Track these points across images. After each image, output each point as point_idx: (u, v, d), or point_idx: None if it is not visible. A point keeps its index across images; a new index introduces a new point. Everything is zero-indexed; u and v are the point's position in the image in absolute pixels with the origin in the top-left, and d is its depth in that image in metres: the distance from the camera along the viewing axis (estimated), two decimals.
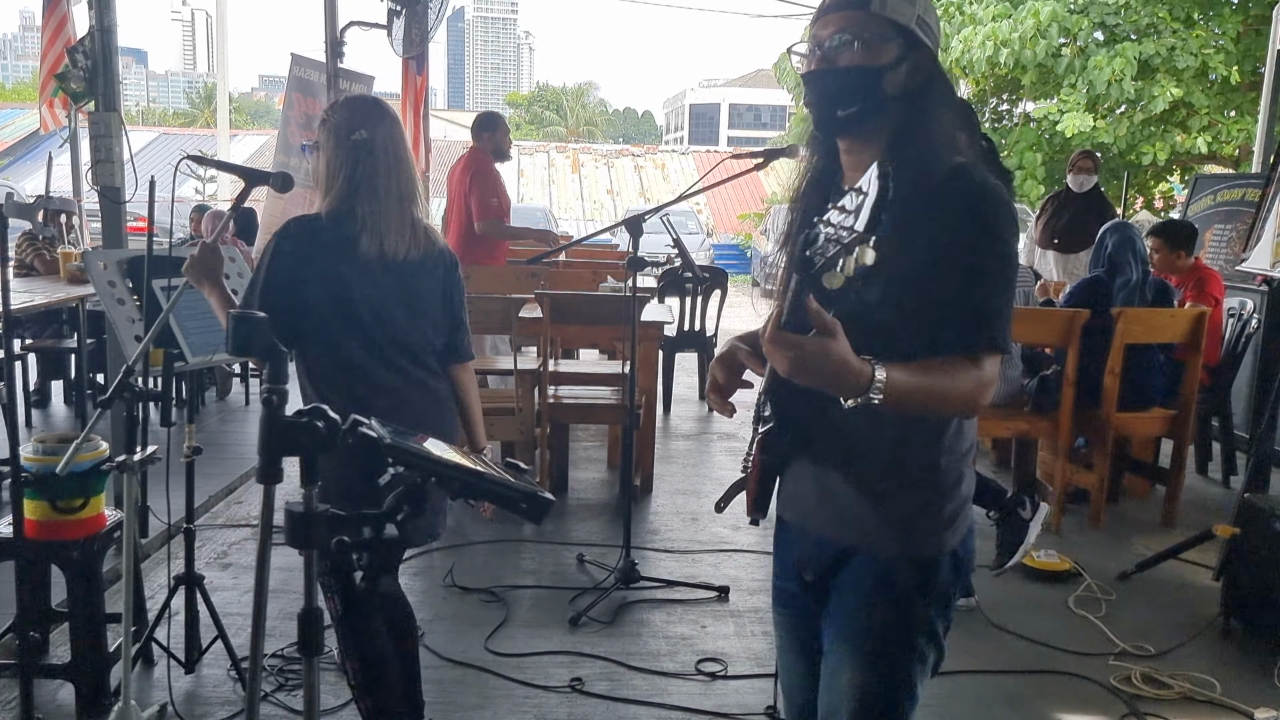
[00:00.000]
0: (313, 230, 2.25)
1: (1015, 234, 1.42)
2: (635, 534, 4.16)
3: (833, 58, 1.45)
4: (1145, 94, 17.11)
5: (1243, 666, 3.21)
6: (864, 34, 1.43)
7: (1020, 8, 17.54)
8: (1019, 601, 3.69)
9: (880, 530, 1.50)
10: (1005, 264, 1.40)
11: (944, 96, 1.49)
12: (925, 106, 1.45)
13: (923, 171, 1.39)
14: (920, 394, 1.31)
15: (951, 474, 1.50)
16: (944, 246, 1.36)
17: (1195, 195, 7.10)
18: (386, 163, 2.27)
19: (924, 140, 1.43)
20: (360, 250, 2.26)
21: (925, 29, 1.46)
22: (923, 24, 1.46)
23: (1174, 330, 4.51)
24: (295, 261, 2.22)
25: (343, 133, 2.25)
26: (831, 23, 1.46)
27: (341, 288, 2.27)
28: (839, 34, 1.44)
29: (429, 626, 3.34)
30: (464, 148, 6.34)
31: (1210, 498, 5.09)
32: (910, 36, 1.44)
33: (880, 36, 1.43)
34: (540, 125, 62.60)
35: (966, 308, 1.37)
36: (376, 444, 1.20)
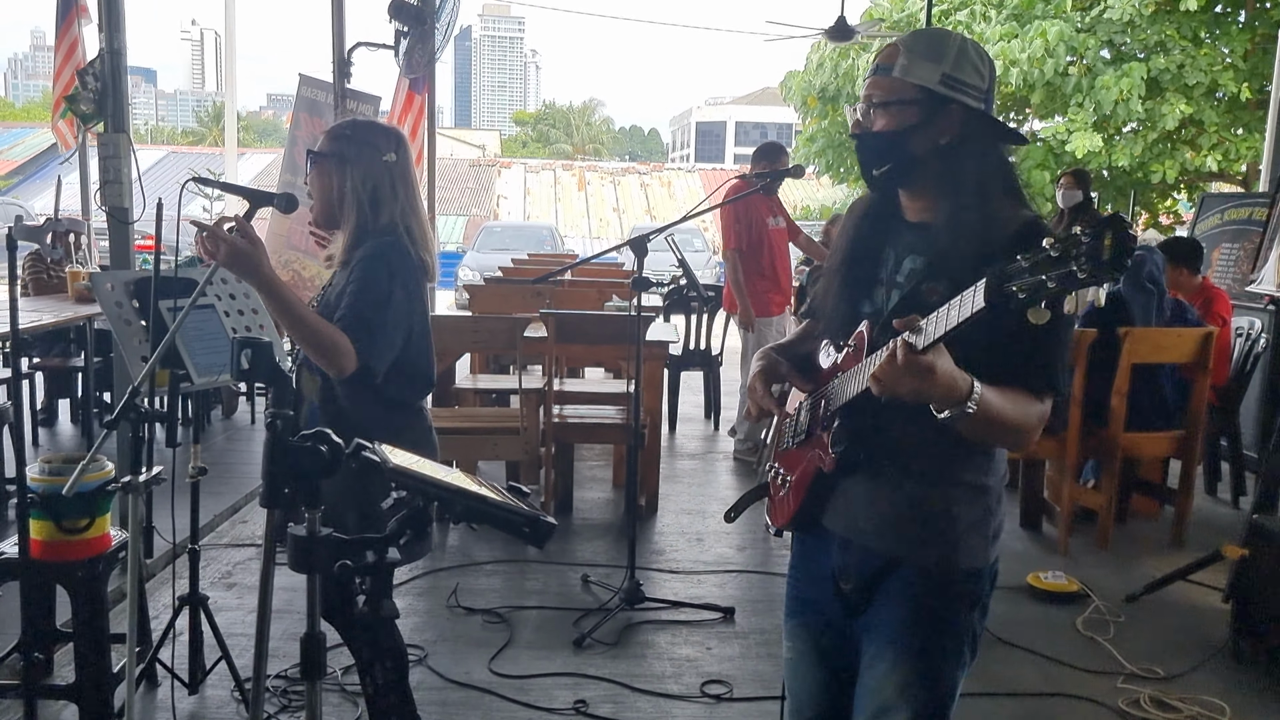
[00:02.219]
0: (404, 249, 2.23)
1: None
2: (640, 554, 4.15)
3: (867, 122, 1.58)
4: (1155, 112, 17.15)
5: (1253, 689, 3.18)
6: (889, 99, 1.54)
7: (1028, 27, 17.62)
8: (1026, 623, 3.66)
9: (935, 542, 1.59)
10: (1064, 310, 1.50)
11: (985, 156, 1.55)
12: (953, 155, 1.54)
13: (984, 220, 1.49)
14: (1001, 415, 1.42)
15: (997, 491, 1.63)
16: None
17: (1202, 214, 7.10)
18: (416, 186, 2.32)
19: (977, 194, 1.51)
20: (426, 272, 2.30)
21: (956, 85, 1.53)
22: (951, 81, 1.52)
23: (1181, 350, 4.49)
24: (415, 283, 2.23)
25: (377, 153, 2.24)
26: (868, 86, 1.58)
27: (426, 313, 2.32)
28: (868, 99, 1.57)
29: (433, 648, 3.33)
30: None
31: (1220, 518, 5.06)
32: (935, 96, 1.52)
33: (903, 100, 1.53)
34: (546, 143, 62.92)
35: (1040, 355, 1.48)
36: (380, 468, 1.20)
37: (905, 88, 1.53)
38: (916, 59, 1.52)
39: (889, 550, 1.62)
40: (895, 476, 1.59)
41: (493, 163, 32.05)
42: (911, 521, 1.59)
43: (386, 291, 2.17)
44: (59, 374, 6.24)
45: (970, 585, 1.61)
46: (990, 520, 1.61)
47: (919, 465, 1.58)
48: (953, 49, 1.53)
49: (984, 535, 1.61)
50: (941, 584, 1.59)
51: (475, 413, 4.94)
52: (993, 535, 1.62)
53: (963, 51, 1.53)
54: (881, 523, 1.61)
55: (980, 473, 1.60)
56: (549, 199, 31.42)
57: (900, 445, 1.57)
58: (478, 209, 29.33)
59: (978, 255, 1.43)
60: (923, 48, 1.53)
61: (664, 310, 6.57)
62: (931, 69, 1.51)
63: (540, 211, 29.92)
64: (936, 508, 1.58)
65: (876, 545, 1.63)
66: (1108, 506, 4.54)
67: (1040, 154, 20.19)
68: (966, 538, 1.59)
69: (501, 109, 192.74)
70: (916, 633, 1.60)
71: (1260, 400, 5.50)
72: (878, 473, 1.60)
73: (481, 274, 12.19)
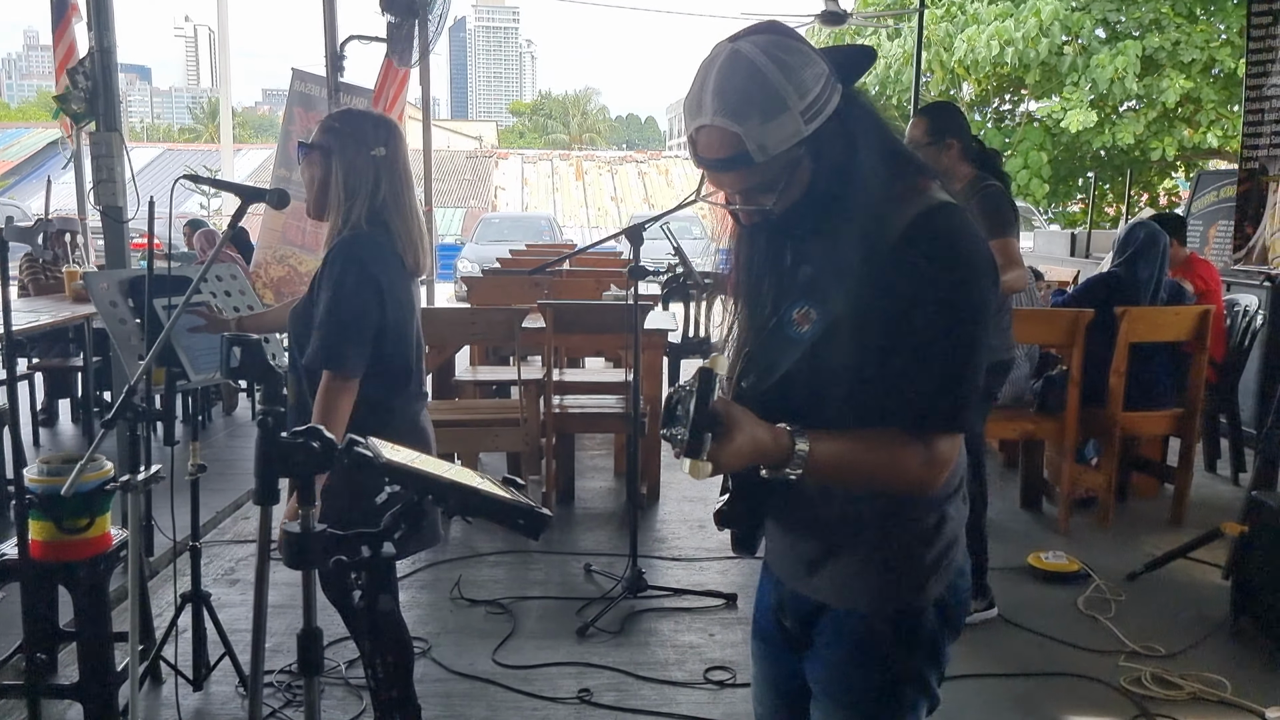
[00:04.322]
0: (377, 244, 2.22)
1: (988, 281, 1.27)
2: (642, 542, 4.16)
3: (755, 202, 1.30)
4: (1154, 88, 17.08)
5: (1253, 665, 3.19)
6: (771, 182, 1.27)
7: (1022, 6, 17.54)
8: (1028, 603, 3.67)
9: (856, 586, 1.40)
10: (972, 330, 1.26)
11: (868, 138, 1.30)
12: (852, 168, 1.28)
13: (873, 223, 1.27)
14: (851, 470, 1.24)
15: (931, 517, 1.39)
16: (902, 307, 1.24)
17: (1199, 192, 7.10)
18: (406, 180, 2.29)
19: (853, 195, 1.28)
20: (406, 268, 2.28)
21: (811, 109, 1.23)
22: (812, 109, 1.23)
23: (1179, 328, 4.49)
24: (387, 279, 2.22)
25: (364, 146, 2.22)
26: (726, 181, 1.30)
27: (410, 309, 2.30)
28: (743, 191, 1.30)
29: (436, 640, 3.34)
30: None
31: (1220, 495, 5.07)
32: (810, 138, 1.25)
33: (786, 169, 1.26)
34: (543, 133, 62.77)
35: (917, 384, 1.24)
36: (373, 463, 1.20)
37: (781, 160, 1.24)
38: (766, 126, 1.22)
39: (813, 595, 1.45)
40: (800, 518, 1.42)
41: (490, 154, 31.99)
42: (828, 565, 1.41)
43: (352, 294, 2.16)
44: (58, 374, 6.24)
45: (905, 629, 1.40)
46: (924, 551, 1.38)
47: (822, 503, 1.39)
48: (779, 79, 1.22)
49: (916, 569, 1.39)
50: (872, 631, 1.40)
51: (475, 405, 4.94)
52: (930, 567, 1.39)
53: (785, 69, 1.22)
54: (800, 567, 1.45)
55: (903, 503, 1.37)
56: (547, 189, 31.38)
57: (801, 493, 1.35)
58: (476, 200, 29.31)
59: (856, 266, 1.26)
60: (757, 111, 1.21)
61: (662, 298, 6.56)
62: (788, 121, 1.22)
63: (538, 202, 29.90)
64: (849, 546, 1.40)
65: (801, 589, 1.46)
66: (1107, 485, 4.54)
67: (1037, 134, 20.13)
68: (893, 577, 1.39)
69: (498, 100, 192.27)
70: (848, 682, 1.44)
71: (1258, 377, 5.50)
72: (789, 520, 1.44)
73: (480, 266, 12.19)
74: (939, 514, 1.40)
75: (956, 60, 18.15)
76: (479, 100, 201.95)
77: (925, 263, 1.24)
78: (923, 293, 1.23)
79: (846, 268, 1.26)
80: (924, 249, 1.24)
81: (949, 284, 1.24)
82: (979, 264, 1.27)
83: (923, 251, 1.24)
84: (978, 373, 1.27)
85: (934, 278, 1.23)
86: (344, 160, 2.22)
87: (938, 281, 1.23)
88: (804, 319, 1.33)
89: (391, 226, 2.24)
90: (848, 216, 1.28)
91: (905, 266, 1.24)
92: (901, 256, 1.24)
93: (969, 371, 1.25)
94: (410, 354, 2.34)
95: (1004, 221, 3.26)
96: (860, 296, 1.25)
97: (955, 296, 1.24)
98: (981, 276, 1.26)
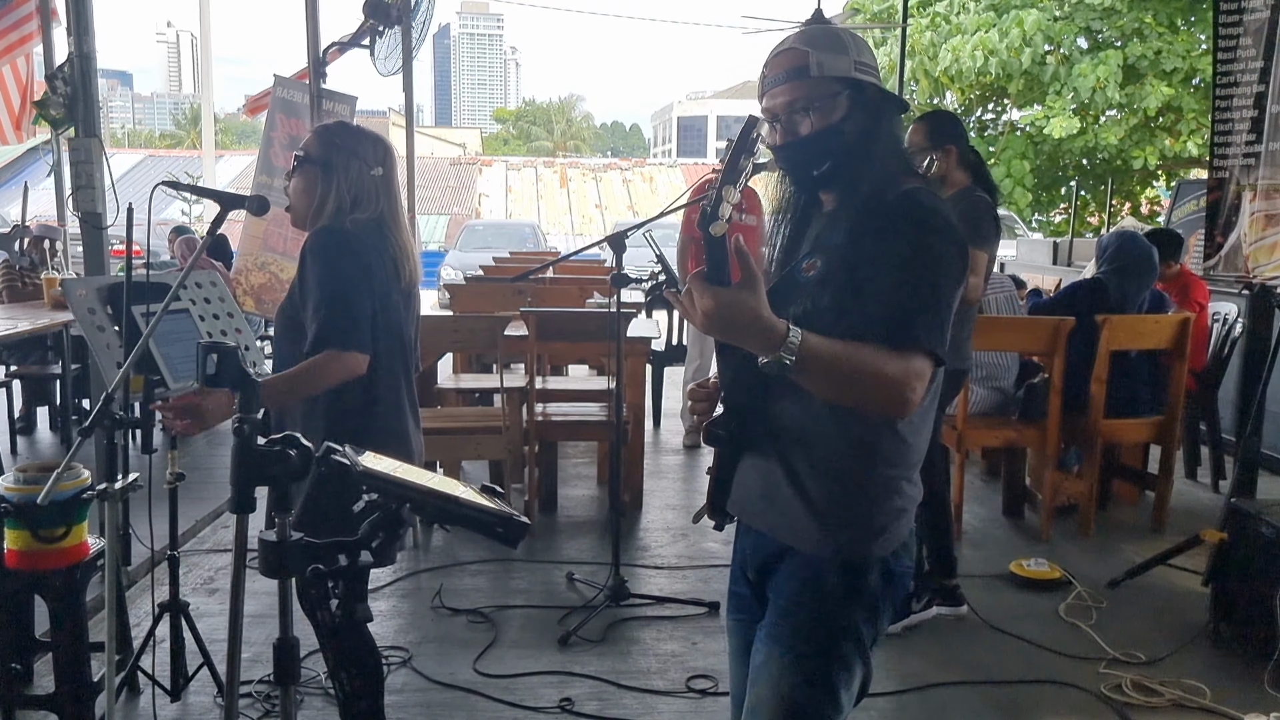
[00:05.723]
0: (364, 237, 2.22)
1: (956, 252, 1.48)
2: (625, 550, 4.16)
3: (793, 128, 1.55)
4: (1135, 96, 17.26)
5: (1233, 672, 3.21)
6: (814, 99, 1.53)
7: (1005, 17, 17.68)
8: (1009, 611, 3.68)
9: (811, 530, 1.55)
10: (937, 275, 1.45)
11: (891, 124, 1.58)
12: (874, 136, 1.55)
13: (873, 193, 1.52)
14: (839, 363, 1.35)
15: (887, 485, 1.55)
16: (882, 258, 1.45)
17: (1179, 200, 7.16)
18: (400, 198, 2.33)
19: (871, 166, 1.54)
20: (398, 275, 2.28)
21: (864, 68, 1.56)
22: (860, 65, 1.55)
23: (1159, 336, 4.52)
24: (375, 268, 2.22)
25: (365, 166, 2.25)
26: (781, 94, 1.55)
27: (399, 315, 2.30)
28: (790, 105, 1.54)
29: (417, 649, 3.32)
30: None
31: (1200, 502, 5.10)
32: (853, 84, 1.54)
33: (829, 95, 1.53)
34: (527, 140, 62.76)
35: (893, 306, 1.41)
36: (349, 470, 1.19)
37: (828, 84, 1.53)
38: (828, 54, 1.53)
39: (778, 537, 1.60)
40: (775, 459, 1.57)
41: (474, 161, 31.94)
42: (793, 506, 1.56)
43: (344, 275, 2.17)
44: (37, 381, 6.18)
45: (849, 579, 1.55)
46: (872, 512, 1.54)
47: (797, 449, 1.55)
48: (849, 37, 1.56)
49: (864, 527, 1.54)
50: (819, 575, 1.55)
51: (457, 413, 4.92)
52: (877, 529, 1.55)
53: (854, 37, 1.57)
54: (771, 507, 1.59)
55: (863, 458, 1.53)
56: (531, 196, 31.36)
57: (779, 427, 1.55)
58: (459, 208, 29.24)
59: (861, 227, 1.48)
60: (827, 43, 1.54)
61: (645, 306, 6.57)
62: (844, 60, 1.53)
63: (522, 209, 29.86)
64: (813, 491, 1.54)
65: (768, 530, 1.62)
66: (1089, 493, 4.57)
67: (1020, 143, 20.26)
68: (843, 528, 1.54)
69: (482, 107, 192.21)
70: (791, 626, 1.57)
71: (1238, 385, 5.54)
72: (762, 454, 1.59)
73: (464, 273, 12.17)
74: (894, 484, 1.56)
75: (941, 70, 18.27)
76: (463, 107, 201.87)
77: (905, 223, 1.47)
78: (899, 244, 1.45)
79: (850, 223, 1.50)
80: (907, 212, 1.48)
81: (920, 237, 1.46)
82: (949, 235, 1.48)
83: (905, 215, 1.48)
84: (944, 311, 1.44)
85: (913, 234, 1.46)
86: (348, 177, 2.24)
87: (915, 237, 1.45)
88: (811, 268, 1.55)
89: (391, 238, 2.28)
90: (863, 187, 1.53)
91: (891, 225, 1.46)
92: (889, 219, 1.47)
93: (936, 306, 1.43)
94: (400, 360, 2.32)
95: (979, 233, 3.30)
96: (854, 248, 1.48)
97: (926, 250, 1.45)
98: (948, 242, 1.47)
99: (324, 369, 2.12)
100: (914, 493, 1.59)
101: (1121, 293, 4.55)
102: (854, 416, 1.49)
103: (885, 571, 1.56)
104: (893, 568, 1.57)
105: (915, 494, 1.60)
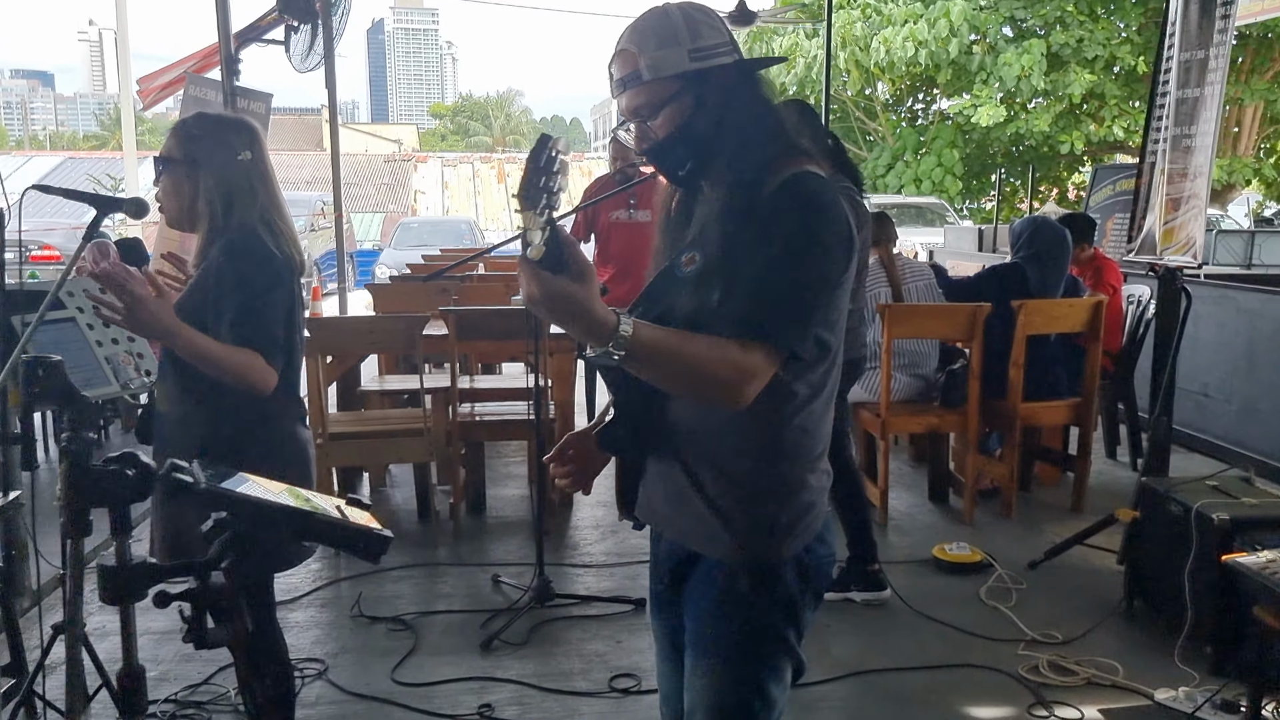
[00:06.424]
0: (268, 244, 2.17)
1: (835, 243, 1.42)
2: (553, 550, 4.12)
3: (645, 134, 1.51)
4: (1060, 83, 17.62)
5: (1145, 648, 3.27)
6: (655, 104, 1.47)
7: (932, 7, 17.92)
8: (932, 595, 3.71)
9: (718, 535, 1.51)
10: (809, 268, 1.40)
11: (751, 103, 1.50)
12: (733, 123, 1.48)
13: (751, 182, 1.44)
14: (672, 357, 1.33)
15: (791, 480, 1.51)
16: (756, 250, 1.40)
17: (1096, 185, 7.30)
18: (275, 179, 2.26)
19: (741, 154, 1.46)
20: (295, 267, 2.23)
21: (703, 54, 1.46)
22: (698, 52, 1.46)
23: (1073, 320, 4.60)
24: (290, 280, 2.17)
25: (230, 153, 2.16)
26: (623, 100, 1.51)
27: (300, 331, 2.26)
28: (635, 112, 1.50)
29: (334, 660, 3.25)
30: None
31: (1119, 481, 5.20)
32: (694, 75, 1.46)
33: (669, 96, 1.47)
34: (466, 135, 62.20)
35: (750, 300, 1.38)
36: (192, 489, 1.14)
37: (664, 85, 1.46)
38: (657, 51, 1.45)
39: (682, 540, 1.57)
40: (675, 462, 1.53)
41: (408, 157, 31.48)
42: (696, 512, 1.52)
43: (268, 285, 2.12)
44: None
45: (763, 582, 1.51)
46: (778, 511, 1.50)
47: (693, 450, 1.51)
48: (680, 23, 1.46)
49: (771, 527, 1.50)
50: (732, 581, 1.51)
51: (379, 415, 4.83)
52: (786, 527, 1.51)
53: (689, 19, 1.46)
54: (675, 514, 1.56)
55: (761, 457, 1.49)
56: (468, 192, 31.04)
57: (672, 428, 1.52)
58: (395, 205, 28.82)
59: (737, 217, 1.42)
60: (656, 37, 1.46)
61: None
62: (676, 53, 1.45)
63: (459, 205, 29.54)
64: (714, 496, 1.50)
65: (671, 534, 1.59)
66: (1010, 476, 4.63)
67: (949, 132, 20.56)
68: (750, 531, 1.50)
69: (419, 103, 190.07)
70: (711, 631, 1.53)
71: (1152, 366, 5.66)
72: (662, 457, 1.55)
73: (399, 271, 11.97)
74: (798, 478, 1.52)
75: (874, 61, 18.47)
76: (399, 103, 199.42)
77: (783, 212, 1.41)
78: (774, 234, 1.40)
79: (724, 217, 1.44)
80: (785, 202, 1.42)
81: (795, 228, 1.40)
82: (829, 224, 1.42)
83: (783, 204, 1.42)
84: (809, 306, 1.40)
85: (785, 222, 1.41)
86: (214, 170, 2.16)
87: (787, 226, 1.40)
88: (690, 262, 1.50)
89: (275, 227, 2.20)
90: (728, 174, 1.46)
91: (768, 215, 1.42)
92: (767, 208, 1.42)
93: (800, 300, 1.39)
94: (297, 372, 2.28)
95: None
96: (731, 240, 1.43)
97: (799, 242, 1.40)
98: (827, 232, 1.42)
99: (241, 364, 2.05)
100: (821, 482, 1.56)
101: (1040, 278, 4.61)
102: (748, 413, 1.42)
103: (800, 567, 1.53)
104: (807, 561, 1.54)
105: (823, 483, 1.57)
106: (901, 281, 4.64)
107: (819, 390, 1.51)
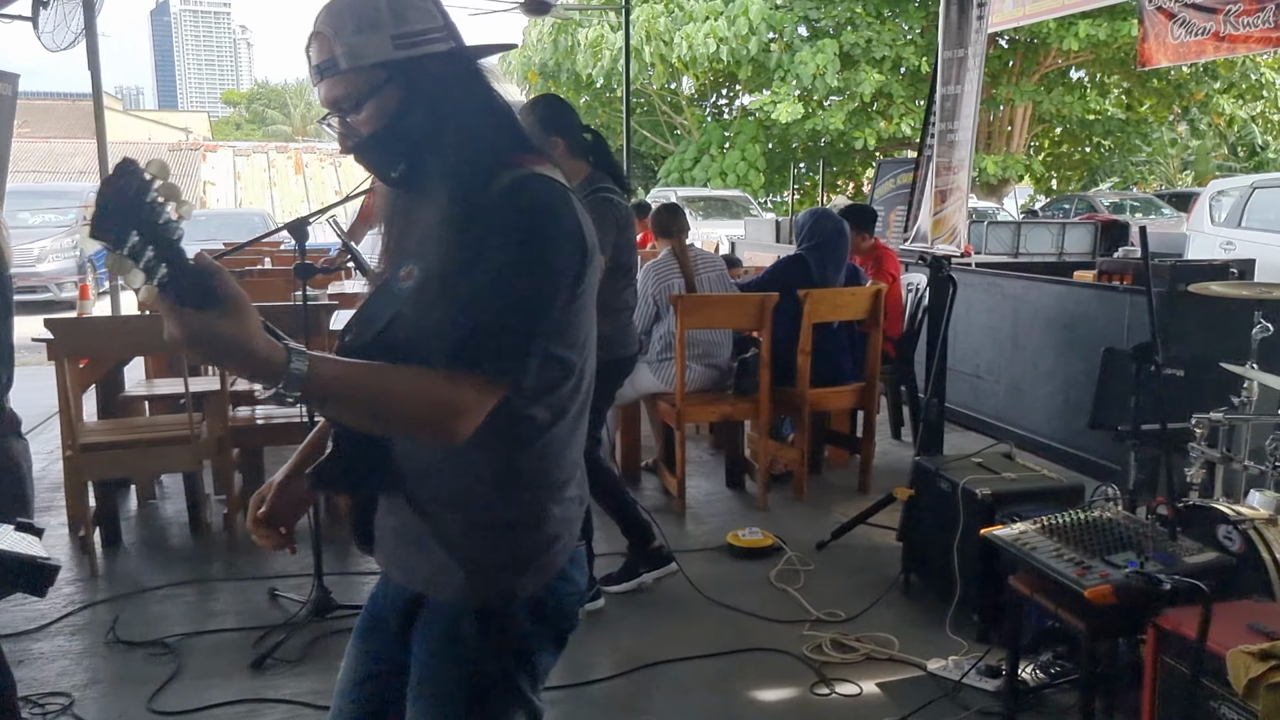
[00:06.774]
0: None
1: (561, 254, 1.29)
2: (338, 558, 3.91)
3: (349, 130, 1.34)
4: (851, 83, 18.48)
5: (919, 621, 3.41)
6: (356, 96, 1.31)
7: (731, 4, 18.39)
8: (725, 582, 3.75)
9: (446, 574, 1.36)
10: (529, 287, 1.26)
11: (472, 100, 1.35)
12: (449, 118, 1.32)
13: (472, 187, 1.29)
14: (357, 395, 1.19)
15: (530, 510, 1.37)
16: (473, 265, 1.25)
17: (879, 179, 7.66)
18: None
19: (459, 154, 1.31)
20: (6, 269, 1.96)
21: (409, 41, 1.30)
22: (403, 39, 1.29)
23: (856, 308, 4.77)
24: None
25: None
26: (322, 90, 1.33)
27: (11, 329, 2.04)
28: (335, 105, 1.33)
29: (81, 693, 2.94)
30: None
31: (903, 461, 5.43)
32: (401, 64, 1.30)
33: (373, 87, 1.30)
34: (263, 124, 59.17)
35: (462, 325, 1.23)
36: None
37: (366, 74, 1.29)
38: (356, 36, 1.28)
39: (408, 580, 1.42)
40: (401, 496, 1.39)
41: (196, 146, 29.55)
42: (422, 550, 1.38)
43: None
44: None
45: (491, 627, 1.37)
46: (514, 547, 1.37)
47: (417, 483, 1.37)
48: (382, 4, 1.29)
49: (502, 565, 1.37)
50: (456, 626, 1.37)
51: (144, 423, 4.45)
52: (521, 564, 1.37)
53: (392, 3, 1.30)
54: (402, 552, 1.41)
55: (496, 490, 1.35)
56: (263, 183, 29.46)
57: (395, 460, 1.38)
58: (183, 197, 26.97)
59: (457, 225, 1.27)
60: (352, 22, 1.29)
61: None
62: (378, 39, 1.28)
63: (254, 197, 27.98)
64: (440, 530, 1.37)
65: (398, 575, 1.44)
66: (801, 460, 4.76)
67: (752, 128, 21.19)
68: (478, 569, 1.36)
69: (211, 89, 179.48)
70: (435, 680, 1.39)
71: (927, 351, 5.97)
72: (388, 491, 1.41)
73: None
74: (538, 508, 1.38)
75: (677, 56, 18.78)
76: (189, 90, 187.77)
77: (503, 222, 1.27)
78: (493, 248, 1.26)
79: (444, 225, 1.28)
80: (506, 210, 1.27)
81: (518, 244, 1.26)
82: (555, 235, 1.29)
83: (504, 211, 1.27)
84: (527, 331, 1.27)
85: (505, 233, 1.26)
86: None
87: (509, 240, 1.26)
88: (408, 276, 1.34)
89: None
90: (448, 178, 1.30)
91: (488, 225, 1.27)
92: (487, 216, 1.27)
93: (516, 325, 1.26)
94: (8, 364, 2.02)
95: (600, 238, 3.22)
96: (450, 251, 1.27)
97: (519, 256, 1.26)
98: (554, 246, 1.28)
99: None
100: (569, 512, 1.42)
101: (821, 267, 4.76)
102: (474, 444, 1.26)
103: (534, 607, 1.39)
104: (546, 600, 1.40)
105: (571, 512, 1.42)
106: (695, 273, 4.67)
107: (562, 413, 1.38)
